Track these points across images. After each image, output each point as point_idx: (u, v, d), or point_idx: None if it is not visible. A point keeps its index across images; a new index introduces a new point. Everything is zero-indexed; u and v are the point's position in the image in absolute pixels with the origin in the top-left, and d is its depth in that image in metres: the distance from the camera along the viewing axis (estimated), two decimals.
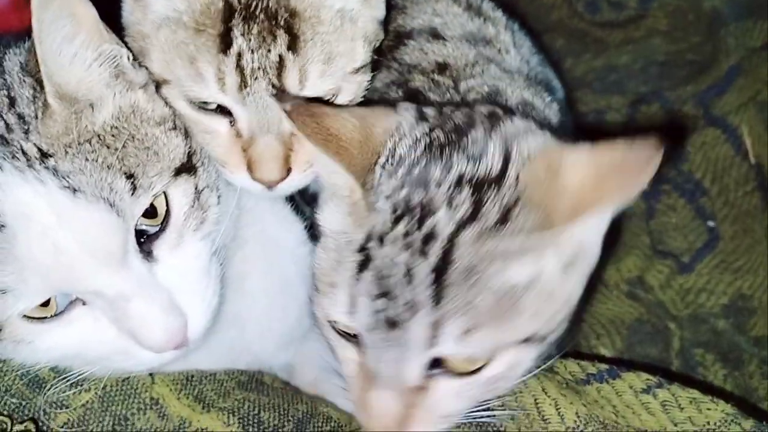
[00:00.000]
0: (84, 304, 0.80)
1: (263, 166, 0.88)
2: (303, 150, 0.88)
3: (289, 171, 0.89)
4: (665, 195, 1.33)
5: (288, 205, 1.03)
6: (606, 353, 1.19)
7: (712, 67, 1.40)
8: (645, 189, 0.73)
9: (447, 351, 0.76)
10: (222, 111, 0.89)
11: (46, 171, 0.76)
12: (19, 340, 0.80)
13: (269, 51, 0.84)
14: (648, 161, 0.71)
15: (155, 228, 0.82)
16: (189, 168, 0.86)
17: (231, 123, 0.89)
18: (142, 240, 0.81)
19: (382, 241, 0.76)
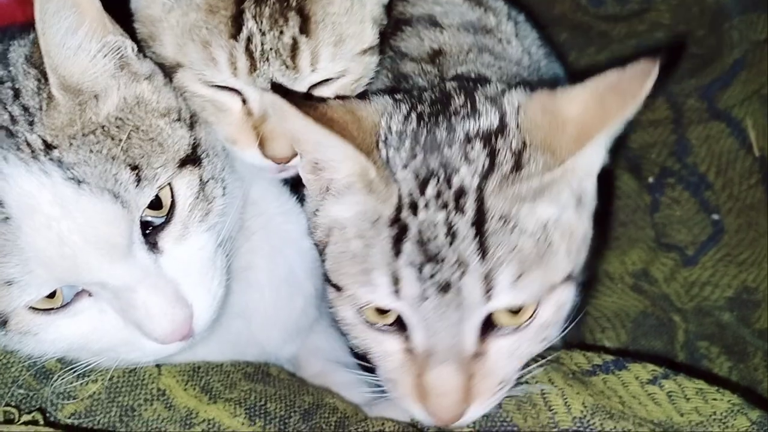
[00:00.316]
0: (90, 295, 0.81)
1: (274, 142, 0.90)
2: None
3: None
4: (670, 188, 1.33)
5: (293, 197, 1.03)
6: (611, 346, 1.19)
7: (716, 61, 1.40)
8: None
9: (502, 302, 0.76)
10: (235, 90, 0.90)
11: (50, 162, 0.76)
12: (26, 331, 0.80)
13: (281, 33, 0.85)
14: (645, 74, 0.74)
15: (160, 219, 0.82)
16: (194, 159, 0.86)
17: (243, 101, 0.91)
18: (147, 231, 0.81)
19: (415, 207, 0.76)
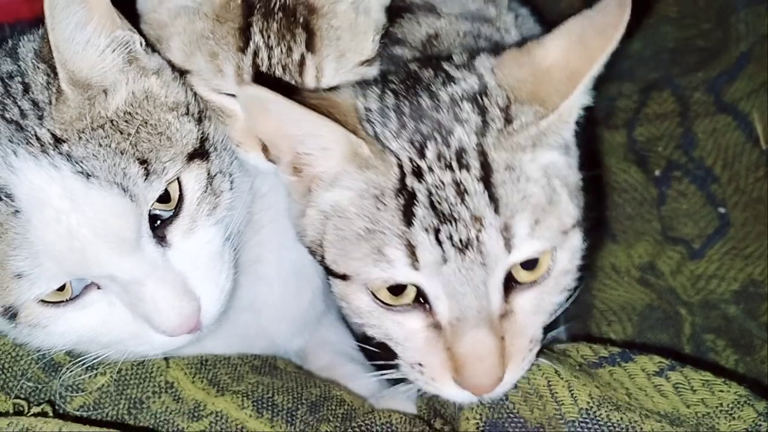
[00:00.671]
0: (99, 288, 0.81)
1: None
2: None
3: None
4: (676, 181, 1.33)
5: None
6: (617, 339, 1.19)
7: (722, 54, 1.40)
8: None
9: (523, 252, 0.76)
10: None
11: (59, 156, 0.76)
12: (35, 324, 0.81)
13: (290, 49, 0.86)
14: (621, 5, 0.75)
15: (169, 213, 0.83)
16: (201, 153, 0.86)
17: None
18: (155, 225, 0.82)
19: (419, 173, 0.77)
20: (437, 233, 0.75)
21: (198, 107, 0.90)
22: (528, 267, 0.79)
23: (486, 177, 0.76)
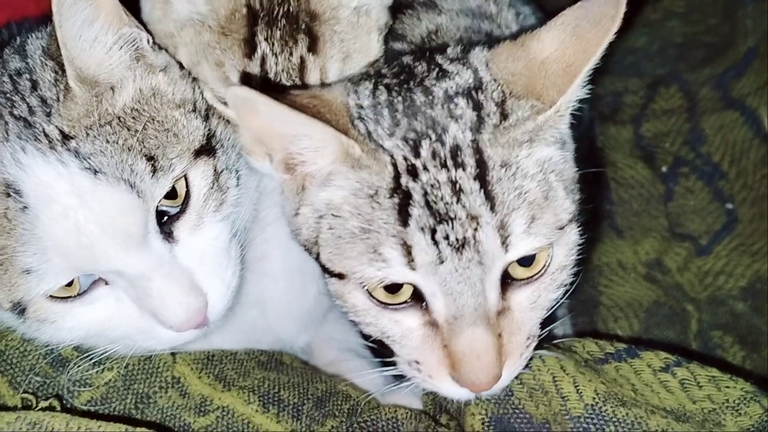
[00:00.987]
0: (106, 283, 0.82)
1: None
2: None
3: None
4: (683, 177, 1.32)
5: None
6: (624, 336, 1.19)
7: (729, 49, 1.39)
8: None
9: (520, 250, 0.75)
10: None
11: (67, 153, 0.77)
12: (43, 319, 0.82)
13: (292, 54, 0.86)
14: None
15: (176, 209, 0.83)
16: (208, 150, 0.86)
17: None
18: (162, 221, 0.82)
19: (414, 172, 0.75)
20: (433, 233, 0.74)
21: (205, 104, 0.90)
22: (524, 263, 0.78)
23: (482, 175, 0.75)
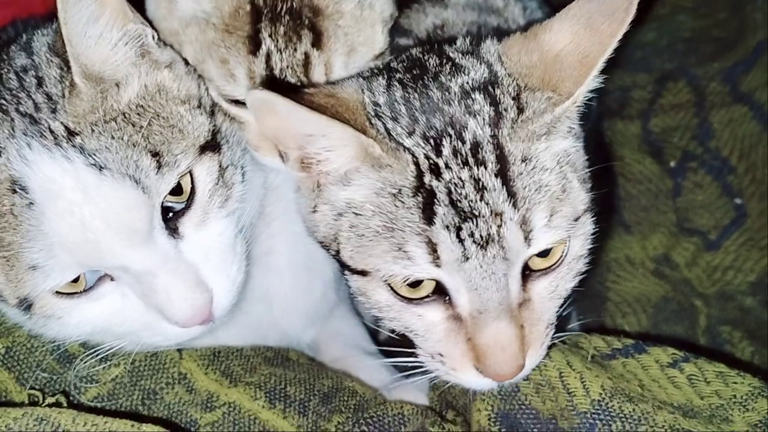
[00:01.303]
0: (112, 279, 0.82)
1: None
2: None
3: None
4: (692, 172, 1.32)
5: None
6: (631, 331, 1.18)
7: (738, 43, 1.38)
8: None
9: (541, 243, 0.77)
10: None
11: (72, 149, 0.77)
12: (50, 315, 0.82)
13: (296, 50, 0.86)
14: None
15: (181, 205, 0.83)
16: (213, 146, 0.86)
17: None
18: (168, 217, 0.82)
19: (437, 170, 0.76)
20: (458, 231, 0.74)
21: (210, 100, 0.90)
22: (542, 254, 0.79)
23: (503, 171, 0.75)
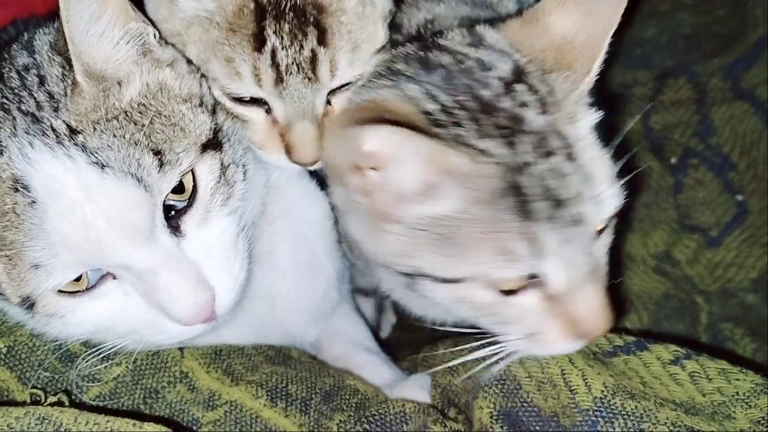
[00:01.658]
0: (114, 278, 0.82)
1: (302, 150, 0.91)
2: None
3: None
4: (693, 169, 1.32)
5: (313, 181, 1.04)
6: (633, 329, 1.18)
7: (739, 40, 1.38)
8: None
9: (610, 212, 0.82)
10: (257, 101, 0.91)
11: (75, 147, 0.77)
12: (53, 313, 0.82)
13: (302, 47, 0.86)
14: None
15: (183, 203, 0.83)
16: (215, 144, 0.86)
17: (267, 111, 0.91)
18: (170, 215, 0.82)
19: (519, 168, 0.78)
20: (556, 218, 0.78)
21: (212, 99, 0.90)
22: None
23: (569, 153, 0.80)
